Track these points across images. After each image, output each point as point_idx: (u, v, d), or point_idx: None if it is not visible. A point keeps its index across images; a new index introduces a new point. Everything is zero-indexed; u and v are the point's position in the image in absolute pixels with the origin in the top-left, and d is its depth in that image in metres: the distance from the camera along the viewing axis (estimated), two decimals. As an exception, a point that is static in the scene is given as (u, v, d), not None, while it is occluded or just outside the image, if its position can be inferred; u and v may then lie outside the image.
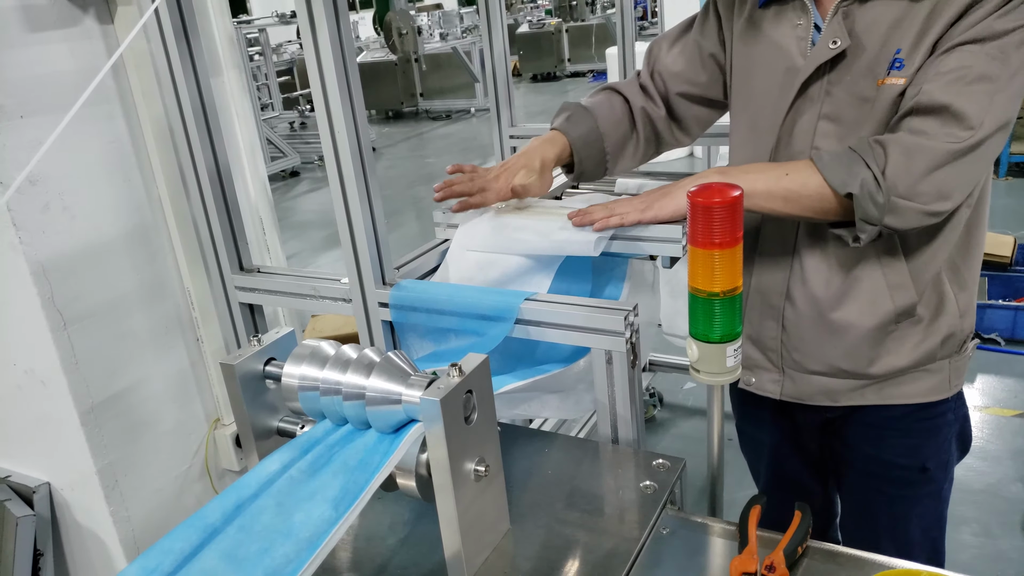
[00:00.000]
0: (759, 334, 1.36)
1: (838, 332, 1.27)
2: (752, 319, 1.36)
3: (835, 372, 1.31)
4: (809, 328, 1.29)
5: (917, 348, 1.26)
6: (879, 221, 1.08)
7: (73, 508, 1.90)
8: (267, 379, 1.05)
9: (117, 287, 1.81)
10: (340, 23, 1.16)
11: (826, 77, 1.17)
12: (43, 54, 1.62)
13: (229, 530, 0.83)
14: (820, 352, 1.30)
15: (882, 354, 1.27)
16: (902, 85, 1.10)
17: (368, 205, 1.25)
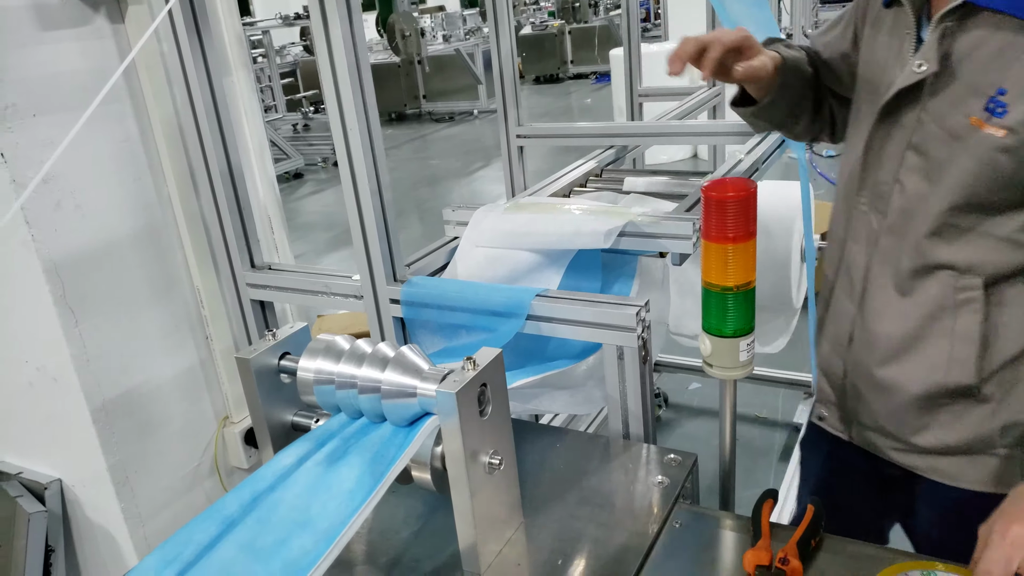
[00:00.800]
0: (829, 368, 1.24)
1: (887, 388, 1.13)
2: (824, 350, 1.25)
3: (881, 431, 1.18)
4: (863, 375, 1.17)
5: (971, 430, 1.09)
6: None
7: (84, 505, 1.91)
8: (282, 373, 1.06)
9: (127, 285, 1.82)
10: (353, 24, 1.16)
11: (920, 103, 1.02)
12: (55, 53, 1.63)
13: (247, 521, 0.83)
14: (869, 404, 1.18)
15: (931, 425, 1.12)
16: (1002, 139, 0.94)
17: (380, 202, 1.26)
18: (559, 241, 1.33)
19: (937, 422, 1.11)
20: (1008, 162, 0.94)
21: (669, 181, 1.82)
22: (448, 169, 8.17)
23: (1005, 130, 0.93)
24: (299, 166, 8.31)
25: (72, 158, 1.66)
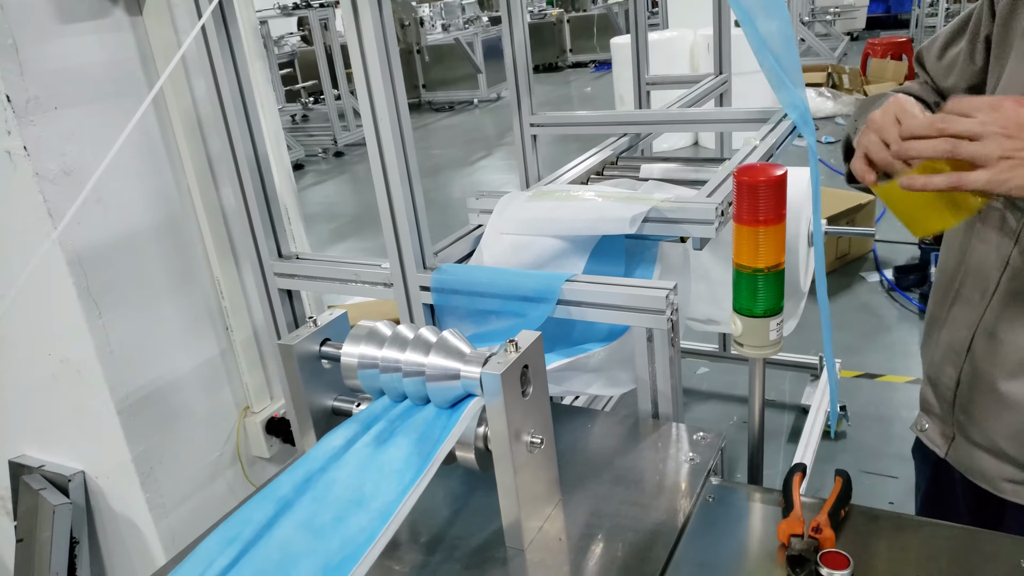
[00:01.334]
0: (937, 377, 1.20)
1: (1011, 404, 1.07)
2: (935, 357, 1.20)
3: (996, 451, 1.11)
4: (983, 388, 1.11)
5: None
6: None
7: (108, 496, 1.93)
8: (322, 359, 1.08)
9: (149, 277, 1.84)
10: (383, 12, 1.18)
11: None
12: (74, 46, 1.64)
13: (303, 501, 0.86)
14: (986, 421, 1.12)
15: None
16: None
17: (410, 190, 1.28)
18: (584, 227, 1.35)
19: None
20: None
21: (684, 168, 1.84)
22: (450, 159, 8.17)
23: None
24: (299, 157, 8.31)
25: (94, 151, 1.68)
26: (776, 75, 1.57)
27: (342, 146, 8.72)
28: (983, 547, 0.93)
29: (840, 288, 4.17)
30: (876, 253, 4.48)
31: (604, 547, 0.97)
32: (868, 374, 3.36)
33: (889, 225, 4.86)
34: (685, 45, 6.75)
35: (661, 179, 1.80)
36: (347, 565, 0.78)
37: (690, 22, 6.67)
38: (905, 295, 3.98)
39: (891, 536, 0.96)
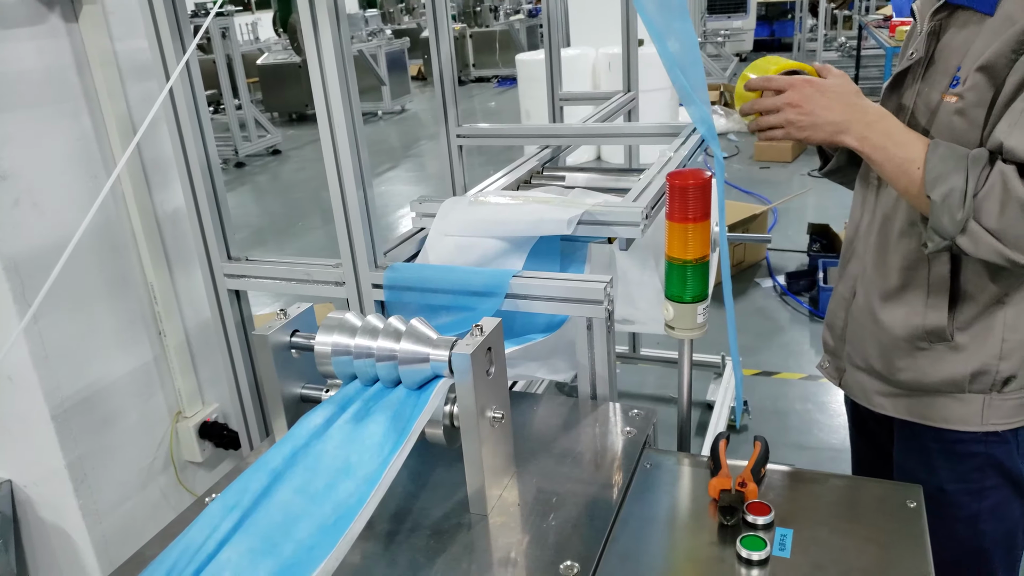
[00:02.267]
0: (832, 321, 1.48)
1: (879, 331, 1.34)
2: (831, 306, 1.49)
3: (870, 370, 1.40)
4: (862, 322, 1.38)
5: (945, 372, 1.29)
6: (950, 237, 1.10)
7: (37, 505, 1.90)
8: (292, 349, 1.15)
9: (84, 282, 1.84)
10: (340, 25, 1.27)
11: (915, 85, 1.25)
12: (11, 52, 1.65)
13: (297, 469, 0.94)
14: (863, 347, 1.39)
15: (911, 366, 1.32)
16: (955, 104, 1.16)
17: (363, 193, 1.37)
18: (526, 228, 1.47)
19: (915, 363, 1.31)
20: (961, 123, 1.16)
21: (606, 177, 1.99)
22: (355, 171, 8.15)
23: (956, 96, 1.16)
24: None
25: (30, 155, 1.68)
26: (685, 91, 1.75)
27: (243, 156, 8.57)
28: (876, 492, 1.11)
29: (737, 293, 4.47)
30: (769, 261, 4.81)
31: (558, 510, 1.09)
32: (765, 372, 3.63)
33: (781, 235, 5.24)
34: (588, 63, 7.02)
35: (586, 187, 1.94)
36: (341, 525, 0.86)
37: (592, 41, 6.95)
38: (796, 299, 4.31)
39: (802, 488, 1.13)
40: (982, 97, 1.13)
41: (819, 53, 9.54)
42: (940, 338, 1.28)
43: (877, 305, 1.34)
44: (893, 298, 1.32)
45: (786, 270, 4.62)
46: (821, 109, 1.21)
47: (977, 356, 1.27)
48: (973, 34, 1.16)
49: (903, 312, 1.31)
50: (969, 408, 1.30)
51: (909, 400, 1.36)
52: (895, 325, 1.32)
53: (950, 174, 1.10)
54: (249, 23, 11.69)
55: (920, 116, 1.24)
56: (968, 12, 1.17)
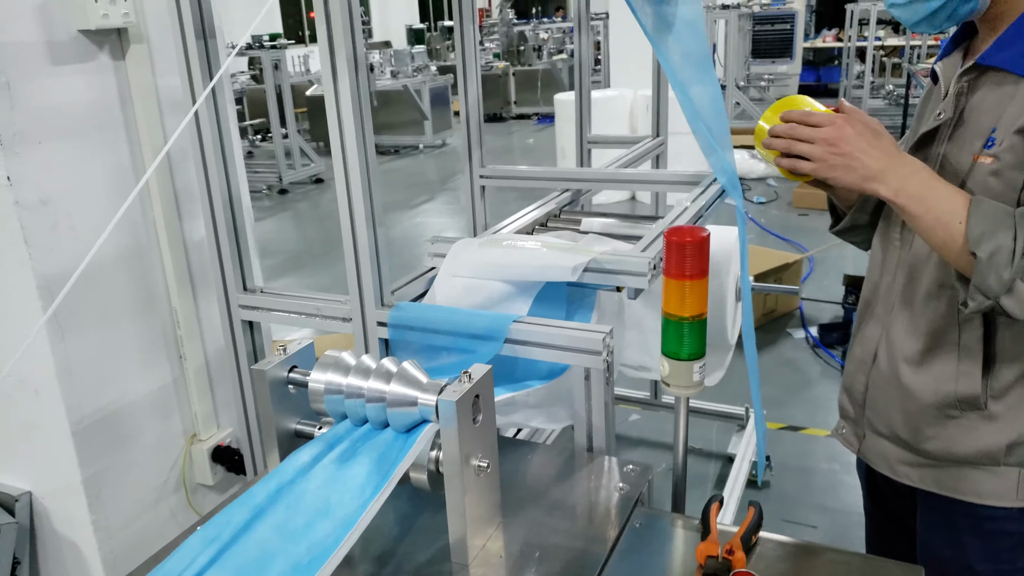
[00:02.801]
0: (851, 385, 1.41)
1: (904, 398, 1.29)
2: (849, 369, 1.42)
3: (895, 439, 1.33)
4: (884, 387, 1.33)
5: (978, 442, 1.23)
6: (995, 296, 1.06)
7: (53, 518, 1.95)
8: (290, 384, 1.18)
9: (112, 302, 1.90)
10: (359, 72, 1.31)
11: (941, 146, 1.22)
12: (62, 85, 1.74)
13: (278, 507, 0.95)
14: (886, 413, 1.33)
15: (940, 435, 1.26)
16: (990, 165, 1.13)
17: (373, 232, 1.40)
18: (531, 273, 1.49)
19: (946, 432, 1.25)
20: (996, 184, 1.13)
21: (622, 223, 2.00)
22: (392, 201, 8.29)
23: (992, 158, 1.13)
24: (244, 192, 8.31)
25: (70, 181, 1.76)
26: (707, 141, 1.76)
27: (287, 184, 8.76)
28: (878, 572, 1.08)
29: (766, 343, 4.40)
30: (803, 311, 4.74)
31: (541, 564, 1.09)
32: (791, 426, 3.56)
33: (816, 284, 5.17)
34: (625, 104, 7.07)
35: (600, 233, 1.96)
36: (315, 565, 0.87)
37: (631, 82, 7.01)
38: (829, 352, 4.22)
39: (795, 560, 1.11)
40: (1020, 159, 1.11)
41: (865, 100, 9.47)
42: (973, 406, 1.22)
43: (902, 370, 1.28)
44: (920, 363, 1.26)
45: (819, 321, 4.54)
46: (858, 152, 1.15)
47: (1014, 426, 1.21)
48: (1007, 95, 1.14)
49: (932, 378, 1.25)
50: (1004, 482, 1.23)
51: (937, 471, 1.29)
52: (923, 391, 1.26)
53: (997, 231, 1.05)
54: (301, 55, 12.02)
55: (948, 177, 1.20)
56: (1001, 73, 1.15)
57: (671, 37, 1.81)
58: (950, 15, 1.18)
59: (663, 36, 1.78)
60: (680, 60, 1.79)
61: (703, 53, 1.81)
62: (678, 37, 1.80)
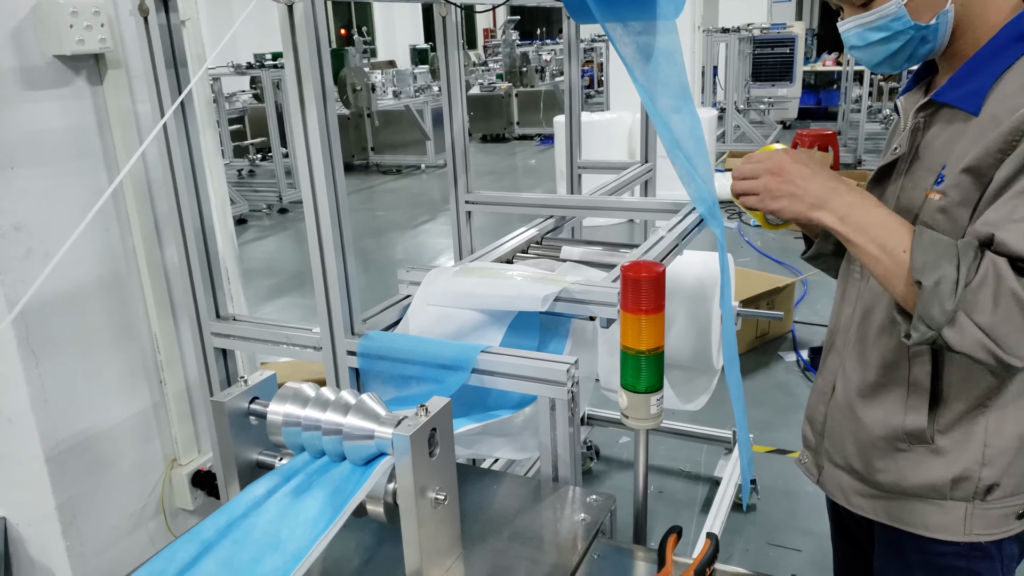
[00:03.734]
0: (812, 415, 1.44)
1: (858, 429, 1.31)
2: (812, 400, 1.45)
3: (849, 470, 1.35)
4: (840, 419, 1.35)
5: (926, 476, 1.25)
6: (937, 327, 1.03)
7: (28, 543, 1.95)
8: (251, 416, 1.18)
9: (89, 330, 1.91)
10: (326, 100, 1.33)
11: (898, 180, 1.24)
12: (37, 111, 1.75)
13: (224, 543, 0.95)
14: (842, 444, 1.35)
15: (890, 467, 1.28)
16: (938, 201, 1.14)
17: (343, 261, 1.41)
18: (502, 303, 1.49)
19: (895, 464, 1.27)
20: (944, 221, 1.13)
21: (602, 251, 2.01)
22: (394, 221, 8.32)
23: (940, 194, 1.14)
24: (243, 212, 8.35)
25: (45, 208, 1.76)
26: (686, 171, 1.77)
27: (287, 203, 8.80)
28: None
29: (758, 366, 4.39)
30: (795, 334, 4.73)
31: (497, 596, 1.08)
32: (780, 450, 3.54)
33: (809, 308, 5.16)
34: (624, 127, 7.11)
35: (579, 261, 1.96)
36: (260, 602, 0.87)
37: (630, 105, 7.04)
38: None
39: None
40: (966, 197, 1.12)
41: (862, 124, 9.50)
42: (920, 440, 1.24)
43: (856, 402, 1.31)
44: (872, 396, 1.29)
45: (811, 344, 4.54)
46: (800, 179, 1.17)
47: (959, 461, 1.22)
48: (958, 133, 1.15)
49: (882, 411, 1.28)
50: (951, 516, 1.25)
51: (888, 503, 1.32)
52: (874, 424, 1.29)
53: (940, 261, 1.04)
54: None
55: (902, 212, 1.21)
56: (953, 111, 1.17)
57: (649, 67, 1.82)
58: (909, 56, 1.19)
59: (641, 66, 1.80)
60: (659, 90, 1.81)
61: (681, 83, 1.82)
62: (656, 67, 1.81)
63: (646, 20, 1.79)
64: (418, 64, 13.78)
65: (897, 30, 1.16)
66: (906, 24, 1.15)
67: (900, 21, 1.15)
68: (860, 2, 1.18)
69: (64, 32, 1.72)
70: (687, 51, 7.48)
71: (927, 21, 1.14)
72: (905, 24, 1.15)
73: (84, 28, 1.75)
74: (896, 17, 1.15)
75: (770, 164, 1.20)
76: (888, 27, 1.16)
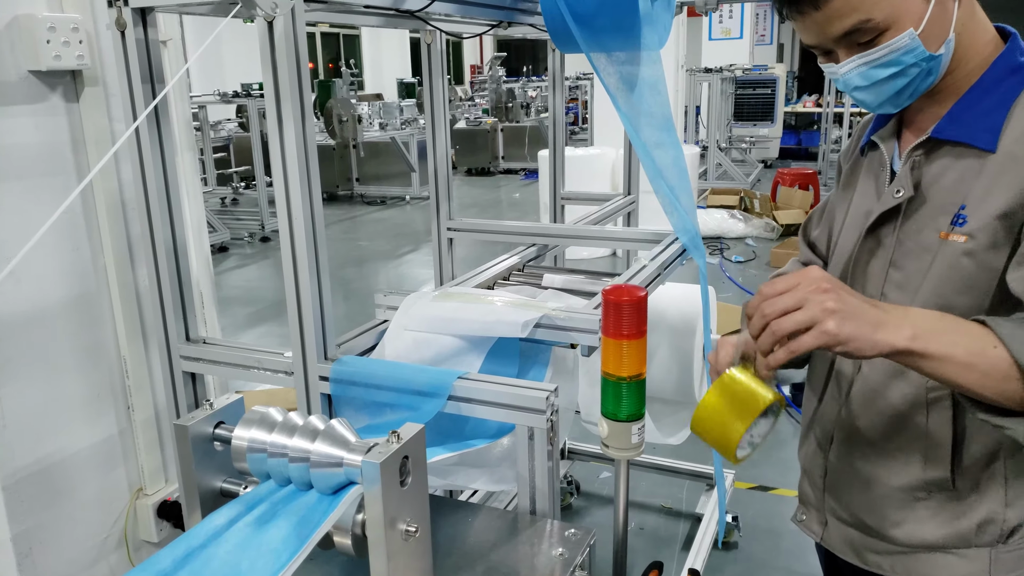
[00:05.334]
0: (810, 468, 1.35)
1: (868, 483, 1.23)
2: (808, 451, 1.36)
3: (860, 526, 1.26)
4: (845, 472, 1.27)
5: (948, 525, 1.17)
6: None
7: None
8: (216, 441, 1.13)
9: (54, 352, 1.85)
10: (305, 118, 1.30)
11: (897, 224, 1.17)
12: (9, 127, 1.71)
13: (181, 574, 0.90)
14: (849, 499, 1.27)
15: (908, 519, 1.20)
16: (964, 244, 1.07)
17: (317, 284, 1.37)
18: (481, 328, 1.46)
19: (914, 515, 1.18)
20: (969, 264, 1.07)
21: (584, 280, 1.98)
22: (376, 251, 8.28)
23: (966, 236, 1.07)
24: (225, 240, 8.28)
25: (15, 224, 1.72)
26: (669, 201, 1.75)
27: (269, 231, 8.75)
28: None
29: (740, 401, 4.36)
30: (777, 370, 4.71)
31: (470, 634, 1.03)
32: (762, 486, 3.50)
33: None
34: (607, 162, 7.15)
35: (561, 289, 1.94)
36: (215, 638, 0.82)
37: (613, 141, 7.10)
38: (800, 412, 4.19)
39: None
40: (996, 240, 1.05)
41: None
42: (941, 487, 1.16)
43: (865, 455, 1.22)
44: (884, 448, 1.20)
45: (792, 380, 4.52)
46: (849, 294, 0.98)
47: (982, 504, 1.15)
48: (971, 170, 1.09)
49: (897, 463, 1.19)
50: (975, 565, 1.17)
51: (907, 557, 1.22)
52: (888, 477, 1.20)
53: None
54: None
55: (907, 256, 1.15)
56: (958, 147, 1.11)
57: (633, 97, 1.82)
58: (912, 92, 1.13)
59: (625, 96, 1.79)
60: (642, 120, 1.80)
61: (664, 114, 1.82)
62: (640, 97, 1.81)
63: (630, 50, 1.78)
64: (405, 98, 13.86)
65: (908, 64, 1.09)
66: (920, 56, 1.08)
67: (913, 54, 1.08)
68: (864, 39, 1.09)
69: (41, 47, 1.69)
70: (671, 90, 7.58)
71: (935, 51, 1.08)
72: (919, 56, 1.08)
73: (62, 44, 1.72)
74: (908, 50, 1.08)
75: (813, 281, 0.97)
76: (899, 61, 1.09)
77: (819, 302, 0.95)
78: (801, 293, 0.96)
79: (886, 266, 1.19)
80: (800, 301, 0.96)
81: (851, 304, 0.96)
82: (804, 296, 0.96)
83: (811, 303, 0.95)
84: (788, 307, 0.96)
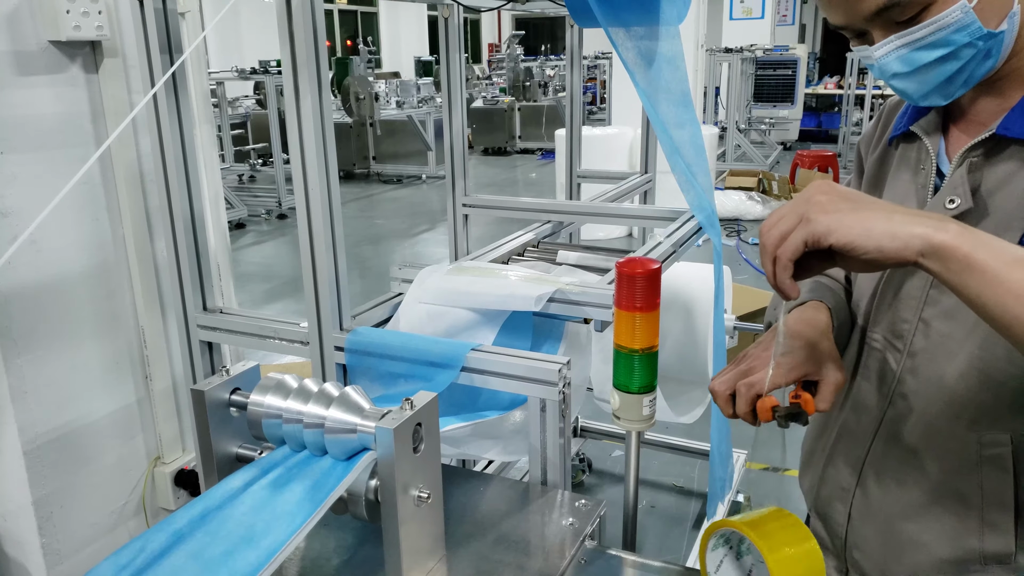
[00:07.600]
0: (827, 513, 1.15)
1: (908, 546, 1.04)
2: (822, 492, 1.16)
3: None
4: (876, 529, 1.07)
5: None
6: None
7: (4, 539, 1.90)
8: (232, 407, 1.15)
9: (74, 321, 1.87)
10: (322, 92, 1.30)
11: None
12: (29, 97, 1.72)
13: (196, 534, 0.91)
14: (882, 561, 1.07)
15: None
16: None
17: (333, 254, 1.38)
18: (495, 302, 1.46)
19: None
20: None
21: (598, 257, 1.98)
22: (392, 229, 8.30)
23: None
24: (242, 216, 8.33)
25: (34, 195, 1.74)
26: (686, 178, 1.74)
27: (286, 208, 8.79)
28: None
29: (754, 382, 4.35)
30: (790, 352, 4.70)
31: (480, 600, 1.05)
32: (773, 467, 3.51)
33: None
34: (625, 141, 7.11)
35: (576, 265, 1.94)
36: (231, 596, 0.83)
37: (631, 121, 7.06)
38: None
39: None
40: None
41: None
42: (1002, 562, 0.97)
43: (905, 514, 1.04)
44: (929, 509, 1.01)
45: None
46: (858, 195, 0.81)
47: None
48: None
49: (946, 528, 1.00)
50: None
51: None
52: (934, 544, 1.01)
53: None
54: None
55: None
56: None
57: (651, 73, 1.81)
58: (967, 80, 0.93)
59: (643, 71, 1.78)
60: (660, 96, 1.79)
61: (683, 90, 1.80)
62: (658, 73, 1.79)
63: (649, 25, 1.77)
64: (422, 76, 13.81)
65: (960, 44, 0.89)
66: (975, 34, 0.88)
67: (966, 31, 0.88)
68: (904, 17, 0.90)
69: (61, 17, 1.70)
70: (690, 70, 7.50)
71: (995, 28, 0.89)
72: (974, 34, 0.88)
73: (81, 14, 1.73)
74: (961, 26, 0.88)
75: (807, 192, 0.83)
76: (948, 41, 0.89)
77: (806, 199, 0.81)
78: (794, 206, 0.82)
79: (926, 287, 0.99)
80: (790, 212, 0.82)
81: (844, 192, 0.81)
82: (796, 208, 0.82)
83: (799, 206, 0.81)
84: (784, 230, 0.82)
